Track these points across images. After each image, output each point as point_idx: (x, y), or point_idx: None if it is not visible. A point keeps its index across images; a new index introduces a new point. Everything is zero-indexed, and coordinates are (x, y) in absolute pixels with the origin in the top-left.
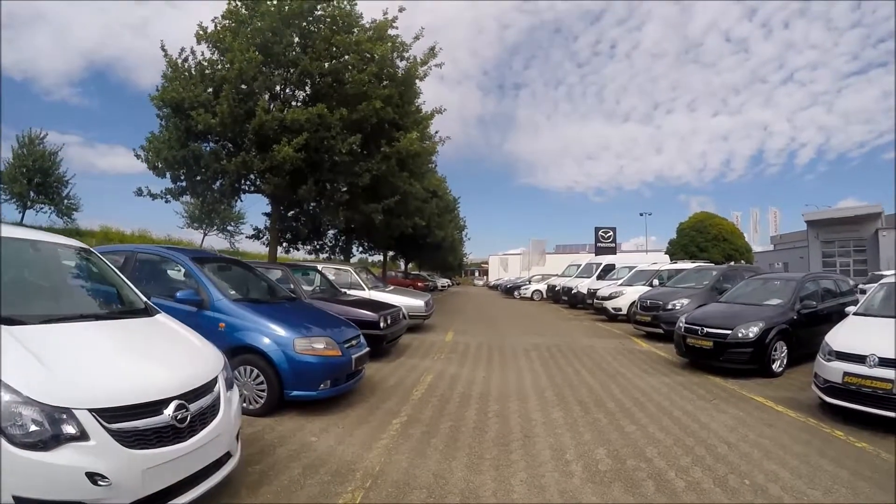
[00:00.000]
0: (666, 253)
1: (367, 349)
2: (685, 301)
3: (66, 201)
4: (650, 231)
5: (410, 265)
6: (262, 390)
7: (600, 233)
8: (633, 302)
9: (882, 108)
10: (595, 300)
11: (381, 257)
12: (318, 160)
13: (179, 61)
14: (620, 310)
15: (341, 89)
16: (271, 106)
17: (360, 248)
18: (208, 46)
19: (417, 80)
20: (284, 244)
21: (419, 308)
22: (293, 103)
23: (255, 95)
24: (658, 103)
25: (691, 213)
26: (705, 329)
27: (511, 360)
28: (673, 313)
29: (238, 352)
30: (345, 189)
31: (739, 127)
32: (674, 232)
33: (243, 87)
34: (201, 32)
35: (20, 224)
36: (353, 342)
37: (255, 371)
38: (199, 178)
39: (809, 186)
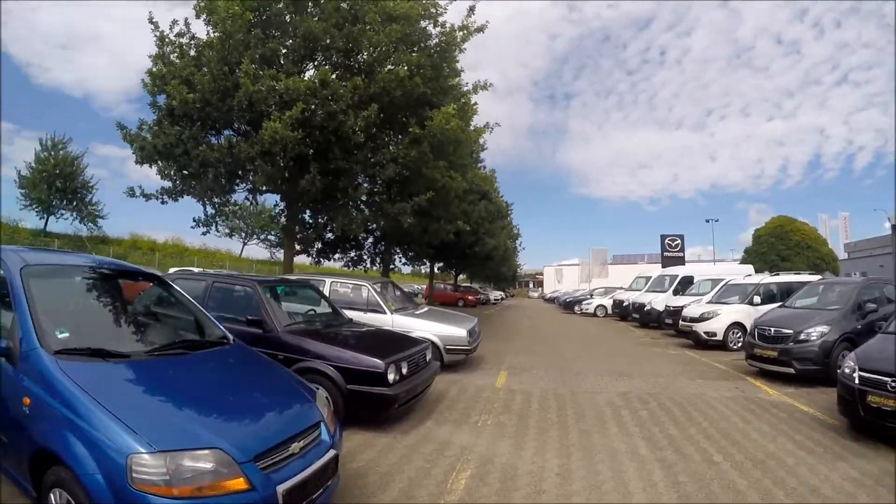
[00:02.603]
0: (742, 262)
1: (329, 456)
2: (824, 329)
3: (88, 208)
4: (707, 241)
5: (461, 277)
6: None
7: (667, 241)
8: (731, 325)
9: None
10: (681, 321)
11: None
12: (324, 142)
13: (171, 35)
14: (715, 335)
15: (356, 58)
16: (261, 73)
17: (403, 260)
18: (205, 21)
19: (456, 51)
20: (313, 253)
21: (460, 339)
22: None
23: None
24: (710, 110)
25: (750, 221)
26: None
27: (596, 428)
28: (807, 347)
29: (50, 461)
30: (364, 183)
31: (794, 131)
32: (734, 241)
33: (232, 55)
34: (201, 5)
35: (43, 231)
36: (295, 447)
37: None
38: (187, 171)
39: (868, 192)
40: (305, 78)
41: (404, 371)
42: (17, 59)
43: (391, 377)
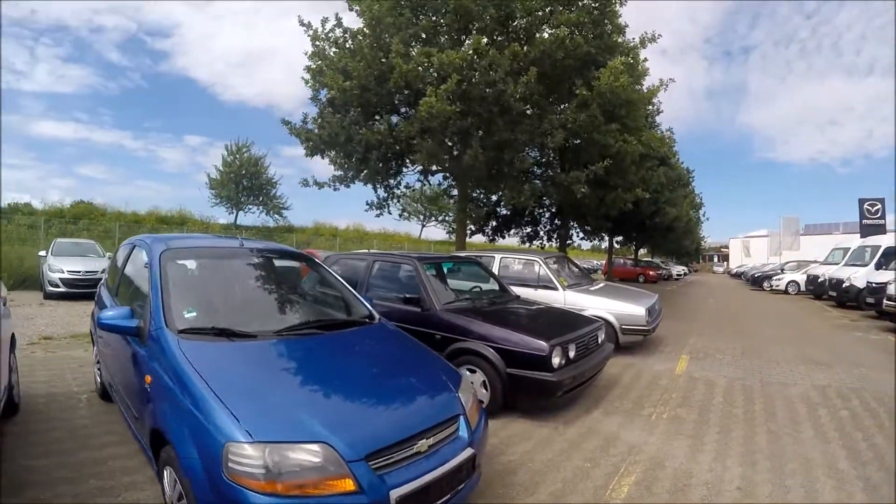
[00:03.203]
0: None
1: (465, 457)
2: None
3: (273, 201)
4: None
5: (642, 251)
6: None
7: (866, 206)
8: None
9: None
10: (885, 301)
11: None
12: (485, 114)
13: (325, 32)
14: None
15: (512, 25)
16: (413, 52)
17: (581, 235)
18: (356, 12)
19: (616, 4)
20: (488, 231)
21: (638, 318)
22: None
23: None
24: None
25: None
26: None
27: (788, 430)
28: None
29: (163, 441)
30: (531, 153)
31: None
32: None
33: (384, 39)
34: None
35: (234, 225)
36: (422, 444)
37: (179, 486)
38: (354, 157)
39: None
40: (462, 51)
41: (571, 354)
42: (202, 82)
43: (556, 361)
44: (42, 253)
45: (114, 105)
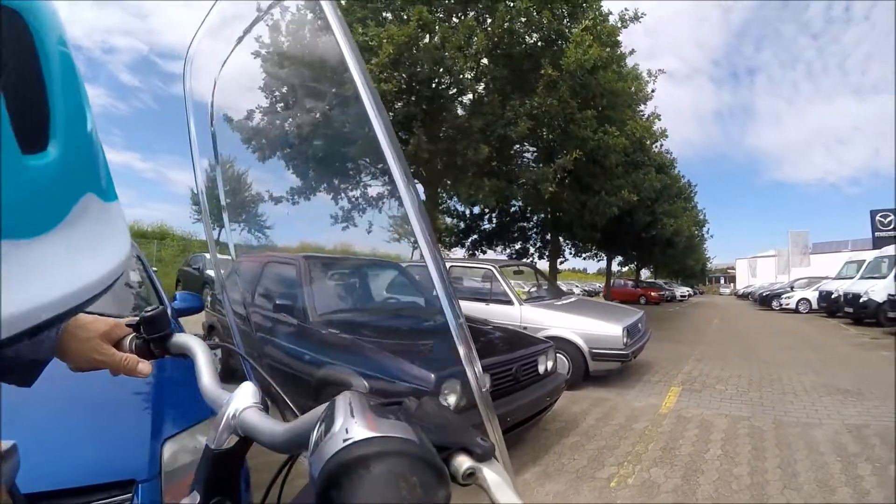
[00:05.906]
0: None
1: None
2: None
3: (256, 218)
4: None
5: (645, 273)
6: None
7: (878, 218)
8: None
9: None
10: None
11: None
12: (435, 99)
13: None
14: None
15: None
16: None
17: (572, 251)
18: None
19: None
20: (468, 245)
21: (613, 340)
22: None
23: None
24: None
25: None
26: None
27: None
28: None
29: None
30: (490, 144)
31: None
32: None
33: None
34: None
35: (217, 241)
36: None
37: None
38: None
39: None
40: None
41: (483, 389)
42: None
43: (451, 400)
44: None
45: (124, 126)
